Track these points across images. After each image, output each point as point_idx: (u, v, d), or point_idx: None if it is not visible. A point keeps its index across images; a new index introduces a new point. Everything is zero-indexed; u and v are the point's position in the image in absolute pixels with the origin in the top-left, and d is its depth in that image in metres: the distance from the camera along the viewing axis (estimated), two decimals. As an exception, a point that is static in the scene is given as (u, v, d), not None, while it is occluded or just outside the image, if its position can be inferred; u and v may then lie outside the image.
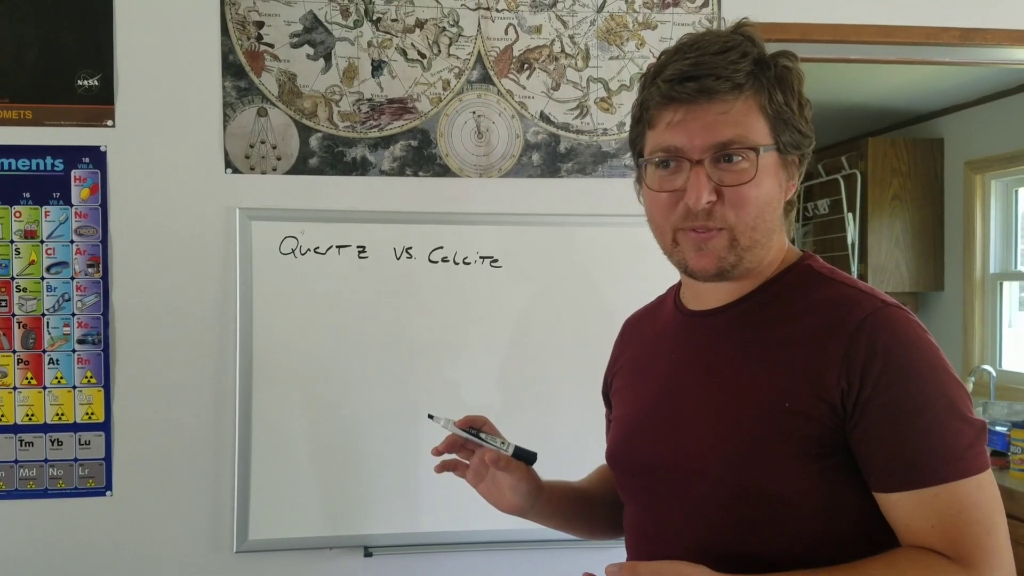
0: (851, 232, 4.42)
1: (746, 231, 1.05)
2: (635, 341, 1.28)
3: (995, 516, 0.99)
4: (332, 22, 2.17)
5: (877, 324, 1.00)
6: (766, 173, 1.05)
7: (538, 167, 2.25)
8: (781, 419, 1.01)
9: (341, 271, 2.16)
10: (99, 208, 2.12)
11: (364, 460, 2.16)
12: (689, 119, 1.04)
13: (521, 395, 2.23)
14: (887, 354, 0.99)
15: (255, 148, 2.16)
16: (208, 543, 2.15)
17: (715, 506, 1.05)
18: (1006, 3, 2.33)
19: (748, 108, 1.04)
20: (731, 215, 1.04)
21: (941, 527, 0.98)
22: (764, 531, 1.03)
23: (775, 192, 1.07)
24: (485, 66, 2.22)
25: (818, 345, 1.02)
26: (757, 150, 1.04)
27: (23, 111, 2.10)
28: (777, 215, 1.08)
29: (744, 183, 1.03)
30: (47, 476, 2.11)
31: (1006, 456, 3.06)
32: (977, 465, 0.99)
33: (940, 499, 0.97)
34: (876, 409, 0.99)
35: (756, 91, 1.04)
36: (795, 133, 1.07)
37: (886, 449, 0.99)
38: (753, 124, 1.04)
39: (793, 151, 1.08)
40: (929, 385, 0.99)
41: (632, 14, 2.25)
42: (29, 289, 2.10)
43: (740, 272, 1.08)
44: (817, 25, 2.26)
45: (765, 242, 1.08)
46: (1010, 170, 4.09)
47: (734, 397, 1.06)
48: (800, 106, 1.08)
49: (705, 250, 1.06)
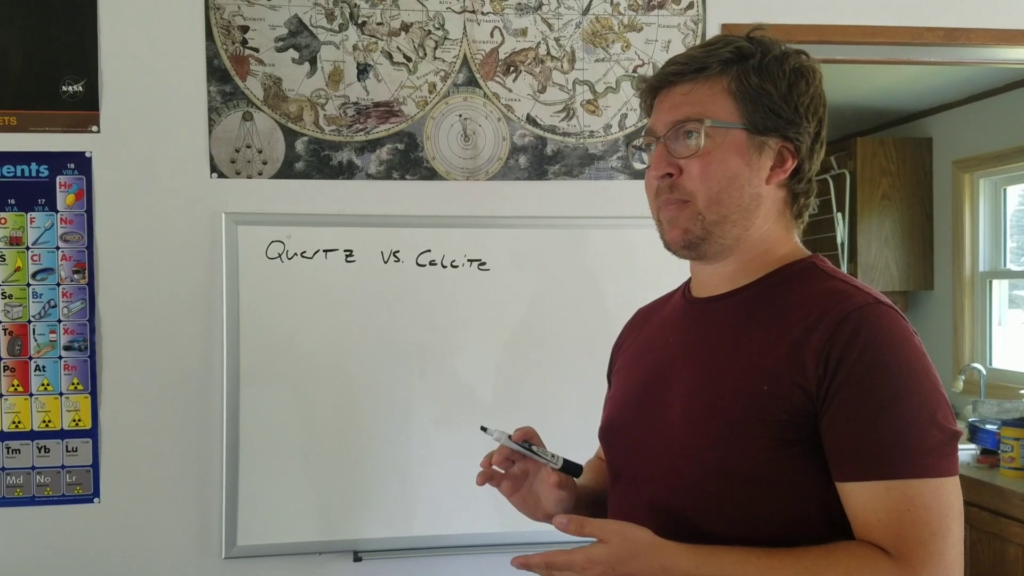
0: (840, 232, 4.43)
1: (710, 205, 1.10)
2: (642, 327, 1.31)
3: (946, 522, 0.99)
4: (317, 26, 2.17)
5: (863, 318, 1.02)
6: (728, 149, 1.10)
7: (525, 170, 2.25)
8: (758, 402, 1.04)
9: (328, 275, 2.15)
10: (84, 214, 2.11)
11: (353, 464, 2.16)
12: (661, 102, 1.15)
13: (511, 397, 2.23)
14: (865, 346, 1.00)
15: (241, 153, 2.15)
16: (197, 549, 2.14)
17: (689, 485, 1.08)
18: (990, 3, 2.34)
19: (713, 89, 1.11)
20: (690, 185, 1.10)
21: (887, 521, 0.98)
22: (731, 511, 1.05)
23: (741, 170, 1.10)
24: (471, 69, 2.22)
25: (803, 333, 1.04)
26: (703, 122, 1.09)
27: (7, 117, 2.09)
28: (745, 194, 1.10)
29: (695, 155, 1.10)
30: (34, 483, 2.11)
31: (996, 454, 3.07)
32: (938, 469, 0.99)
33: (890, 493, 0.98)
34: (844, 398, 1.00)
35: (723, 74, 1.10)
36: (771, 115, 1.09)
37: (847, 438, 1.00)
38: (716, 103, 1.10)
39: (770, 133, 1.10)
40: (902, 383, 1.00)
41: (617, 16, 2.26)
42: (15, 296, 2.10)
43: (714, 248, 1.12)
44: (802, 26, 2.27)
45: (737, 219, 1.11)
46: (999, 168, 4.10)
47: (717, 378, 1.09)
48: (789, 93, 1.10)
49: (675, 223, 1.13)
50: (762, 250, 1.14)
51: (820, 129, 1.14)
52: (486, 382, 2.23)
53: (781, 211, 1.14)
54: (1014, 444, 2.97)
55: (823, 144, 1.16)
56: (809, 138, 1.12)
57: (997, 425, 3.14)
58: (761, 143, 1.10)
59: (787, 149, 1.11)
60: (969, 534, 2.95)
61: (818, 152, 1.15)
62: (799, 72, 1.12)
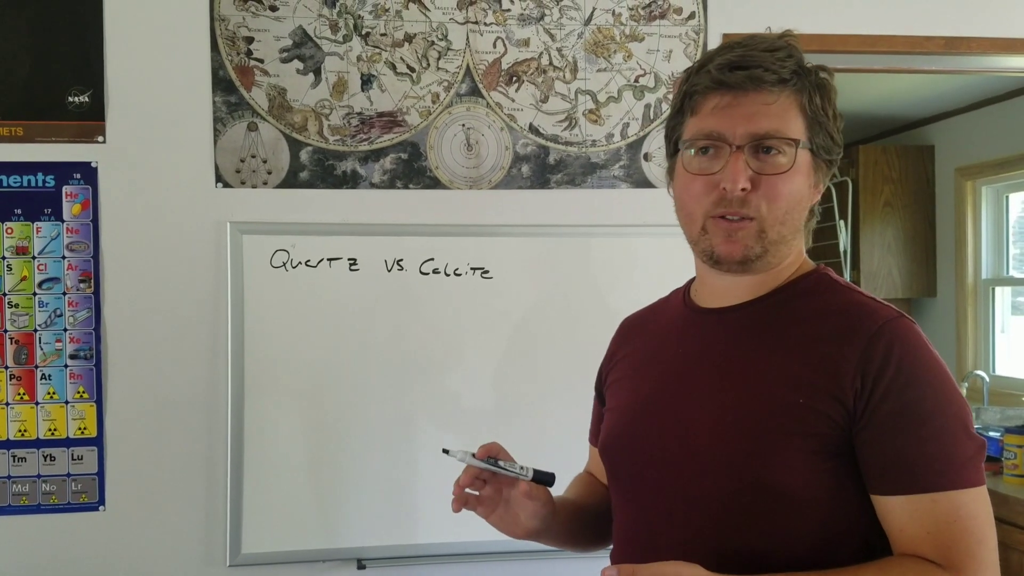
0: (843, 239, 4.42)
1: (775, 224, 1.08)
2: (636, 338, 1.28)
3: (987, 530, 1.01)
4: (321, 37, 2.18)
5: (894, 333, 1.03)
6: (799, 170, 1.08)
7: (528, 178, 2.26)
8: (794, 414, 1.03)
9: (332, 284, 2.16)
10: (90, 224, 2.13)
11: (357, 472, 2.17)
12: (734, 105, 1.07)
13: (513, 404, 2.23)
14: (900, 362, 1.01)
15: (246, 162, 2.17)
16: (201, 557, 2.15)
17: (718, 499, 1.05)
18: (989, 12, 2.35)
19: (789, 104, 1.07)
20: (763, 206, 1.07)
21: (936, 533, 0.99)
22: (764, 526, 1.03)
23: (805, 191, 1.10)
24: (474, 79, 2.23)
25: (835, 346, 1.04)
26: (797, 143, 1.07)
27: (14, 128, 2.11)
28: (803, 215, 1.12)
29: (779, 174, 1.07)
30: (40, 492, 2.11)
31: (999, 462, 3.07)
32: (976, 478, 1.01)
33: (937, 506, 0.99)
34: (884, 413, 1.01)
35: (798, 90, 1.08)
36: (827, 138, 1.10)
37: (889, 452, 1.01)
38: (792, 120, 1.07)
39: (824, 155, 1.11)
40: (938, 395, 1.02)
41: (619, 27, 2.27)
42: (21, 305, 2.11)
43: (763, 265, 1.11)
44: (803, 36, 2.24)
45: (790, 239, 1.11)
46: (1001, 176, 4.11)
47: (746, 391, 1.07)
48: (834, 115, 1.11)
49: (734, 238, 1.08)
50: (785, 264, 1.14)
51: None
52: (489, 390, 2.24)
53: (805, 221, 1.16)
54: (1017, 451, 2.97)
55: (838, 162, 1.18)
56: (838, 160, 1.15)
57: (1000, 432, 3.15)
58: (818, 165, 1.11)
59: (826, 170, 1.13)
60: (973, 542, 2.95)
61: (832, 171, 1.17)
62: (834, 92, 1.12)
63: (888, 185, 4.48)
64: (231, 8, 2.15)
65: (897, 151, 4.51)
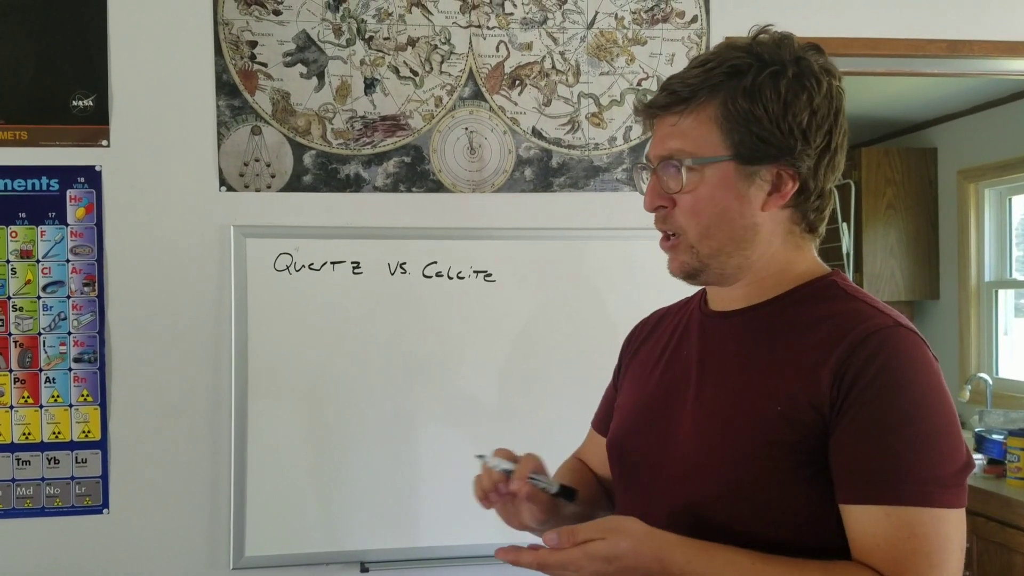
0: (846, 242, 4.42)
1: (701, 239, 1.08)
2: (656, 333, 1.27)
3: (946, 555, 0.96)
4: (325, 41, 2.19)
5: (883, 340, 0.99)
6: (715, 184, 1.06)
7: (530, 182, 2.26)
8: (770, 423, 1.02)
9: (336, 287, 2.17)
10: (94, 227, 2.13)
11: (360, 475, 2.17)
12: (656, 128, 1.11)
13: (516, 407, 2.24)
14: (881, 369, 0.98)
15: (249, 166, 2.18)
16: (205, 560, 2.15)
17: (700, 504, 1.06)
18: (991, 15, 2.35)
19: (699, 120, 1.06)
20: (680, 220, 1.08)
21: (886, 547, 0.96)
22: (742, 533, 1.03)
23: (730, 204, 1.06)
24: (477, 83, 2.24)
25: (820, 354, 1.01)
26: (703, 159, 1.05)
27: (18, 132, 2.12)
28: (742, 226, 1.07)
29: (681, 192, 1.07)
30: (44, 494, 2.12)
31: (1003, 464, 3.07)
32: (943, 499, 0.96)
33: (890, 519, 0.96)
34: (853, 418, 0.98)
35: (710, 101, 1.05)
36: (760, 144, 1.04)
37: (853, 460, 0.98)
38: (702, 135, 1.06)
39: (761, 161, 1.05)
40: (913, 408, 0.98)
41: (622, 30, 2.28)
42: (25, 308, 2.11)
43: (715, 277, 1.11)
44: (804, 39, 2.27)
45: (733, 250, 1.08)
46: (1003, 178, 4.10)
47: (731, 397, 1.07)
48: (784, 114, 1.04)
49: (671, 255, 1.12)
50: (775, 270, 1.10)
51: (830, 140, 1.07)
52: (492, 393, 2.24)
53: (788, 230, 1.09)
54: (1020, 454, 2.97)
55: (838, 151, 1.09)
56: (812, 156, 1.05)
57: (1003, 435, 3.14)
58: (752, 173, 1.05)
59: (786, 173, 1.05)
60: (976, 544, 2.94)
61: (830, 164, 1.08)
62: (799, 83, 1.04)
63: (891, 187, 4.48)
64: (235, 12, 2.15)
65: (900, 153, 4.51)
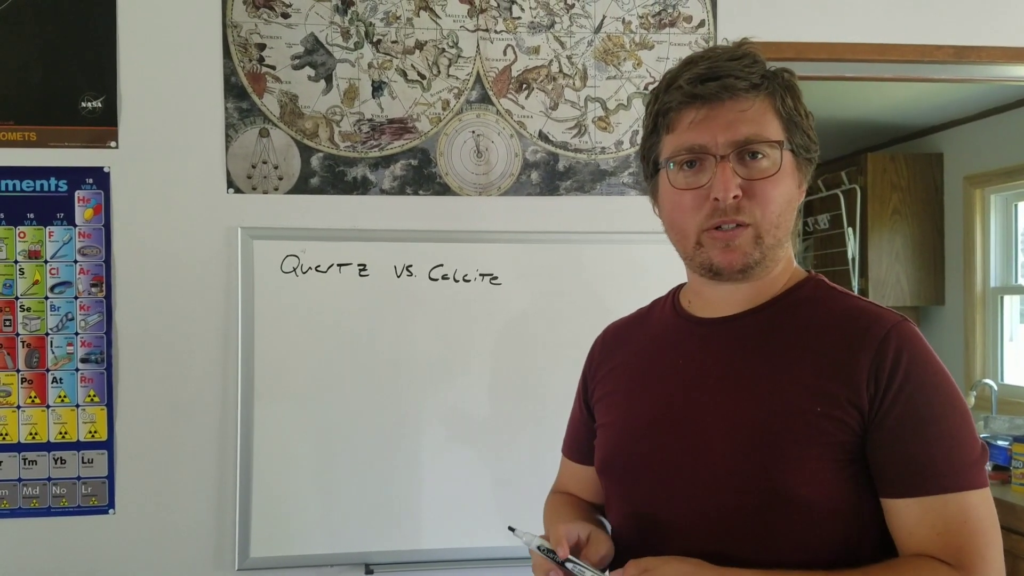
0: (851, 247, 4.43)
1: (770, 228, 1.08)
2: (622, 348, 1.26)
3: (993, 531, 1.03)
4: (333, 44, 2.20)
5: (901, 338, 1.04)
6: (786, 171, 1.10)
7: (537, 185, 2.27)
8: (812, 423, 1.03)
9: (342, 289, 2.17)
10: (102, 228, 2.14)
11: (365, 478, 2.17)
12: (711, 117, 1.07)
13: (522, 410, 2.24)
14: (909, 367, 1.03)
15: (257, 168, 2.18)
16: (210, 561, 2.16)
17: (736, 513, 1.05)
18: (998, 21, 2.35)
19: (764, 108, 1.09)
20: (757, 211, 1.07)
21: (946, 534, 1.00)
22: (784, 538, 1.03)
23: (794, 192, 1.12)
24: (484, 86, 2.24)
25: (847, 353, 1.05)
26: (780, 144, 1.08)
27: (27, 133, 2.13)
28: (794, 216, 1.13)
29: (768, 177, 1.07)
30: (50, 494, 2.13)
31: (1008, 470, 3.06)
32: (982, 479, 1.03)
33: (948, 507, 1.01)
34: (895, 417, 1.02)
35: (770, 93, 1.09)
36: (804, 137, 1.11)
37: (899, 456, 1.02)
38: (770, 123, 1.09)
39: (804, 154, 1.12)
40: (944, 399, 1.04)
41: (629, 35, 2.28)
42: (33, 309, 2.12)
43: (762, 271, 1.11)
44: (813, 44, 2.29)
45: (785, 243, 1.13)
46: (1009, 184, 4.10)
47: (759, 402, 1.06)
48: (806, 114, 1.13)
49: (732, 247, 1.08)
50: (779, 270, 1.15)
51: None
52: (498, 396, 2.24)
53: None
54: (1026, 460, 2.96)
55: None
56: (816, 158, 1.15)
57: (1009, 441, 3.14)
58: (800, 165, 1.12)
59: (806, 170, 1.14)
60: (981, 551, 2.94)
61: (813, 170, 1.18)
62: (800, 92, 1.14)
63: (896, 193, 4.48)
64: (243, 15, 2.16)
65: (906, 159, 4.51)
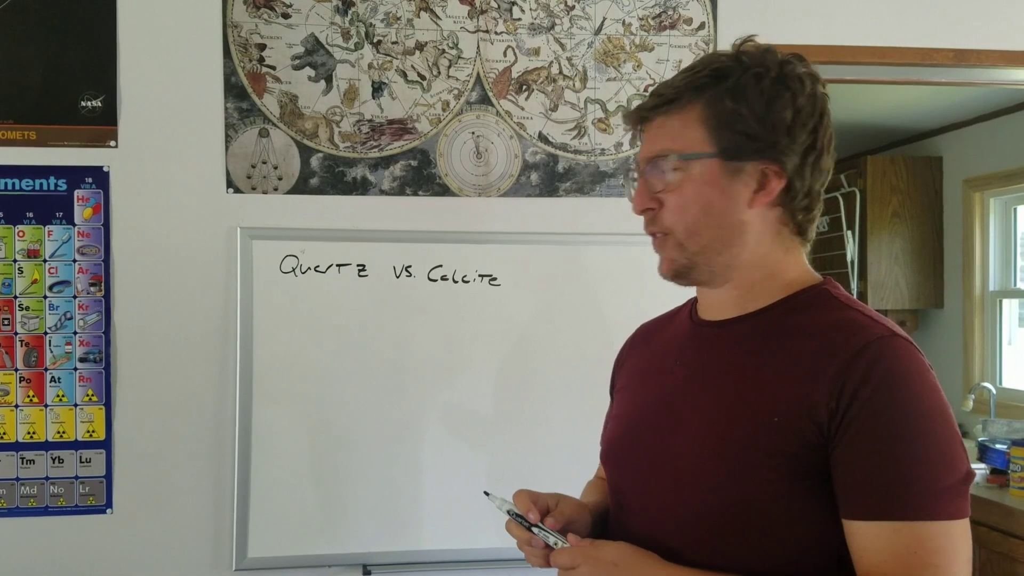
0: (850, 249, 4.43)
1: (689, 235, 1.09)
2: (645, 346, 1.28)
3: (954, 567, 0.96)
4: (333, 44, 2.20)
5: (880, 351, 0.99)
6: (700, 181, 1.07)
7: (536, 186, 2.27)
8: (769, 433, 1.01)
9: (341, 289, 2.17)
10: (101, 227, 2.14)
11: (363, 478, 2.17)
12: (645, 133, 1.14)
13: (521, 411, 2.24)
14: (880, 381, 0.97)
15: (256, 168, 2.18)
16: (208, 561, 2.15)
17: (696, 516, 1.06)
18: (998, 25, 2.36)
19: (685, 120, 1.08)
20: (667, 219, 1.10)
21: (893, 563, 0.95)
22: (739, 544, 1.03)
23: (715, 199, 1.08)
24: (484, 87, 2.24)
25: (816, 364, 1.01)
26: (689, 156, 1.07)
27: (27, 132, 2.13)
28: (728, 223, 1.08)
29: (669, 190, 1.09)
30: (48, 494, 2.12)
31: (1006, 474, 3.06)
32: (948, 511, 0.96)
33: (899, 535, 0.95)
34: (855, 433, 0.97)
35: (694, 101, 1.08)
36: (744, 139, 1.06)
37: (857, 475, 0.98)
38: (688, 134, 1.08)
39: (746, 157, 1.06)
40: (916, 421, 0.97)
41: (629, 36, 2.28)
42: (31, 308, 2.12)
43: (704, 276, 1.12)
44: (812, 47, 2.28)
45: (721, 248, 1.09)
46: (1009, 188, 4.10)
47: (728, 408, 1.06)
48: (768, 110, 1.06)
49: (660, 254, 1.13)
50: (765, 273, 1.10)
51: (815, 139, 1.08)
52: (496, 397, 2.24)
53: (777, 231, 1.10)
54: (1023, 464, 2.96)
55: (824, 153, 1.10)
56: (798, 153, 1.07)
57: (1007, 445, 3.14)
58: (737, 169, 1.07)
59: (771, 170, 1.07)
60: (979, 554, 2.93)
61: (816, 164, 1.09)
62: (782, 84, 1.07)
63: (896, 196, 4.48)
64: (244, 15, 2.16)
65: (905, 162, 4.51)
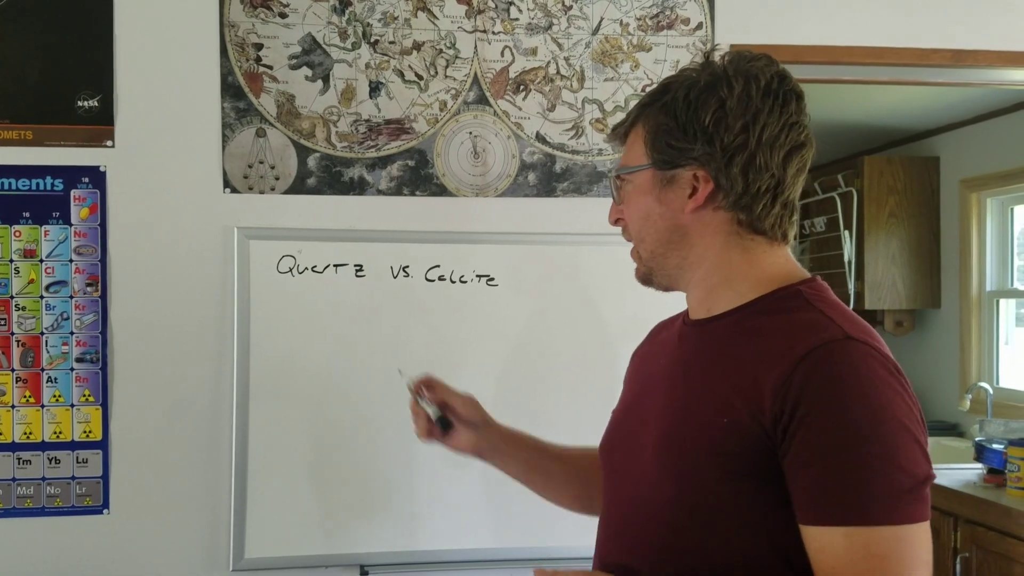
0: (847, 249, 4.43)
1: (639, 243, 1.19)
2: (650, 343, 1.34)
3: (910, 571, 0.94)
4: (330, 44, 2.19)
5: (826, 356, 0.98)
6: (638, 192, 1.16)
7: (534, 187, 2.27)
8: (714, 433, 1.03)
9: (338, 290, 2.17)
10: (98, 227, 2.14)
11: (361, 478, 2.17)
12: None
13: (518, 411, 2.22)
14: (824, 385, 0.97)
15: (253, 168, 2.18)
16: (205, 561, 2.15)
17: (654, 512, 1.09)
18: (996, 25, 2.36)
19: (635, 140, 1.18)
20: (627, 231, 1.21)
21: (846, 568, 0.94)
22: (690, 542, 1.05)
23: (651, 207, 1.15)
24: (481, 87, 2.24)
25: (763, 367, 1.01)
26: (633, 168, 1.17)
27: (23, 131, 2.12)
28: (666, 228, 1.14)
29: (624, 202, 1.19)
30: (44, 494, 2.12)
31: (1003, 474, 3.06)
32: (903, 515, 0.94)
33: (850, 540, 0.94)
34: (800, 439, 0.97)
35: (639, 119, 1.17)
36: (668, 149, 1.12)
37: (806, 481, 0.97)
38: (635, 150, 1.17)
39: (675, 165, 1.12)
40: (865, 423, 0.96)
41: (627, 36, 2.28)
42: (28, 308, 2.12)
43: (663, 280, 1.19)
44: (810, 47, 2.29)
45: (666, 252, 1.16)
46: (1006, 188, 4.11)
47: (682, 408, 1.10)
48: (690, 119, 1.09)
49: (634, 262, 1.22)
50: (724, 275, 1.11)
51: (746, 139, 1.07)
52: (494, 397, 2.24)
53: (730, 233, 1.11)
54: (1021, 464, 2.96)
55: (759, 152, 1.07)
56: (719, 155, 1.08)
57: (1004, 444, 3.14)
58: (670, 178, 1.13)
59: (699, 175, 1.10)
60: (976, 554, 2.94)
61: (749, 163, 1.07)
62: (709, 90, 1.08)
63: (893, 196, 4.48)
64: (241, 15, 2.16)
65: (902, 162, 4.51)
